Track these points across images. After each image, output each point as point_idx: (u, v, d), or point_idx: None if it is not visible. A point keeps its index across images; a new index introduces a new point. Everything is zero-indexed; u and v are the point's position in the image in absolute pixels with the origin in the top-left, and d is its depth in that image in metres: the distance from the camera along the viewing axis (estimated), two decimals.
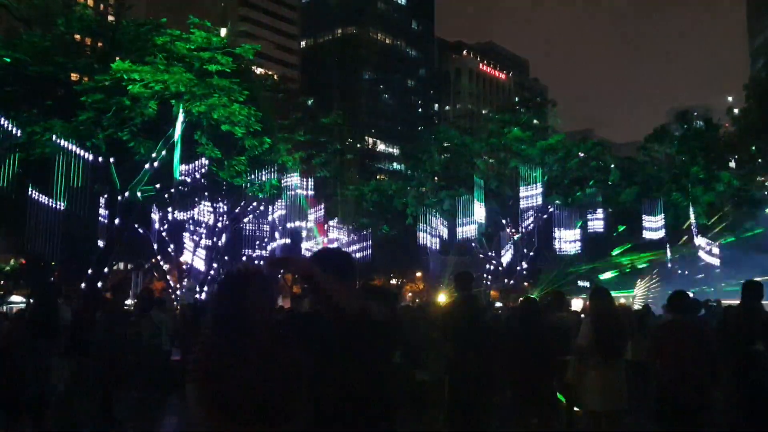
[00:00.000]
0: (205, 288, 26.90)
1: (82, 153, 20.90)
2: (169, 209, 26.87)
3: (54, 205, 20.27)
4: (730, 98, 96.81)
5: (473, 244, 37.46)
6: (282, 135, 28.62)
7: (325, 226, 34.61)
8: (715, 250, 35.31)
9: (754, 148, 37.20)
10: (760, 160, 36.77)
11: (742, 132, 40.11)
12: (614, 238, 38.59)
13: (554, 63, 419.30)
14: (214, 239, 28.27)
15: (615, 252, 36.83)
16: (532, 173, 34.80)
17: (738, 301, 8.55)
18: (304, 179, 29.51)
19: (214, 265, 28.20)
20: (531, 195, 35.13)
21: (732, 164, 39.94)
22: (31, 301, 19.14)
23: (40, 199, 20.36)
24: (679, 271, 37.27)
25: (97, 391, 9.27)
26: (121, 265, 41.87)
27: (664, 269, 34.94)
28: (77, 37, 25.93)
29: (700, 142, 37.89)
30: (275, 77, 49.05)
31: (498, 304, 24.46)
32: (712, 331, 8.35)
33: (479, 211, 34.81)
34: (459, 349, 8.20)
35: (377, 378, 3.51)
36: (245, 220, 29.28)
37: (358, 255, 38.19)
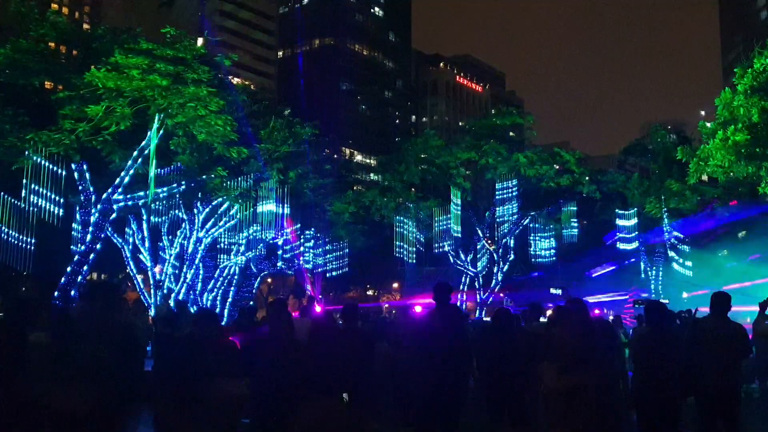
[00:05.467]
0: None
1: (55, 161, 20.68)
2: (144, 219, 26.70)
3: (26, 215, 20.05)
4: (702, 113, 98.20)
5: (449, 256, 37.48)
6: (259, 145, 28.44)
7: (301, 237, 34.42)
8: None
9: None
10: (732, 173, 37.15)
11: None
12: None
13: (531, 76, 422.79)
14: (189, 250, 28.07)
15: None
16: (508, 185, 34.92)
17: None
18: (280, 189, 29.36)
19: (188, 276, 27.95)
20: (507, 206, 35.31)
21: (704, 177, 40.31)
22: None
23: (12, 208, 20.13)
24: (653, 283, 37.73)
25: None
26: (95, 276, 41.49)
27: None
28: (51, 44, 25.59)
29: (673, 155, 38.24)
30: (252, 87, 48.90)
31: (486, 319, 24.45)
32: (685, 342, 8.46)
33: (456, 223, 34.92)
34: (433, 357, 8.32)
35: None
36: (219, 228, 29.07)
37: (334, 266, 38.22)
